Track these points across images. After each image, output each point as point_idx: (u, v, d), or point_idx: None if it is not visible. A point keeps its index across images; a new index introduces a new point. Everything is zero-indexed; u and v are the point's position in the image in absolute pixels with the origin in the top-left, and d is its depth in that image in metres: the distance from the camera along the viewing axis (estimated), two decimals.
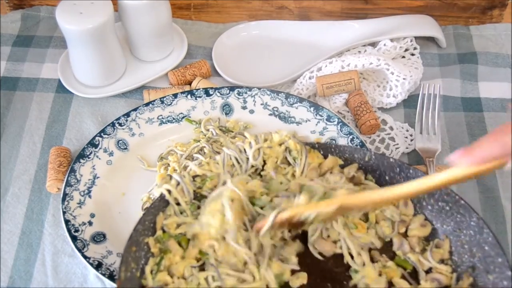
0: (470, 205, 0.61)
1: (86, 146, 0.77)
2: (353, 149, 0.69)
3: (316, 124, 0.79)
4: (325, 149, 0.69)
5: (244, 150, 0.69)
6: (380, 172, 0.67)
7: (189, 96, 0.81)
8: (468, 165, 0.50)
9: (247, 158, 0.68)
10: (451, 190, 0.63)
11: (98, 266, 0.67)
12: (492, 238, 0.59)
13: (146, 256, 0.60)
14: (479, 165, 0.50)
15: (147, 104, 0.80)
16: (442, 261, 0.64)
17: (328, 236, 0.65)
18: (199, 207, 0.65)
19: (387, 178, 0.67)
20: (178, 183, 0.65)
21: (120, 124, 0.79)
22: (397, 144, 0.81)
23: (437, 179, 0.54)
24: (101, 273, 0.67)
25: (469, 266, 0.61)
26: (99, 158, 0.77)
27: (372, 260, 0.64)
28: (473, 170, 0.50)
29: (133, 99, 0.87)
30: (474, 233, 0.61)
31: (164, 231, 0.63)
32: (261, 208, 0.64)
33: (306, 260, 0.64)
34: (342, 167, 0.69)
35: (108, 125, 0.79)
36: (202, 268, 0.62)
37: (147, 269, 0.60)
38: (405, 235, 0.66)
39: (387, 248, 0.65)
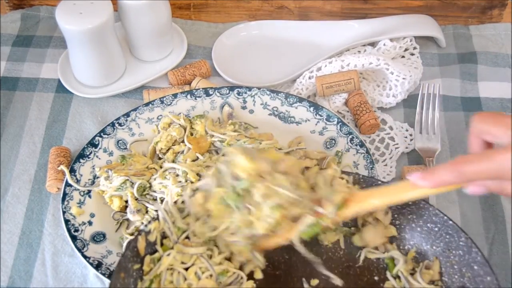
0: (458, 225, 0.61)
1: (86, 146, 0.77)
2: (342, 172, 0.66)
3: (316, 124, 0.79)
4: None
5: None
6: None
7: (188, 96, 0.81)
8: (427, 187, 0.54)
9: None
10: (438, 211, 0.62)
11: (98, 266, 0.67)
12: (480, 257, 0.59)
13: (135, 282, 0.59)
14: (435, 188, 0.54)
15: (147, 104, 0.80)
16: (432, 282, 0.63)
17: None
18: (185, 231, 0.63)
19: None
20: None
21: (120, 124, 0.79)
22: (397, 144, 0.81)
23: (405, 197, 0.58)
24: (101, 273, 0.67)
25: (459, 287, 0.61)
26: (99, 158, 0.77)
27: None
28: (431, 191, 0.55)
29: (133, 99, 0.87)
30: (463, 253, 0.61)
31: (162, 244, 0.62)
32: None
33: None
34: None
35: (108, 125, 0.79)
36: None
37: None
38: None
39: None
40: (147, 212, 0.71)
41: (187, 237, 0.63)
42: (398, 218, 0.65)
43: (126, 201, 0.72)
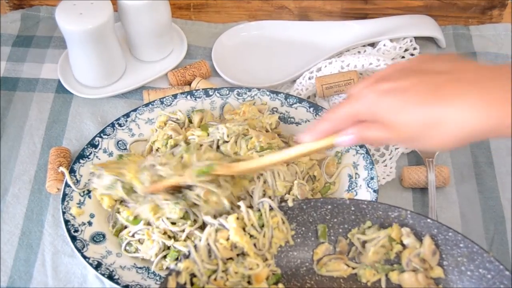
0: None
1: (86, 147, 0.77)
2: (388, 207, 0.65)
3: None
4: (356, 205, 0.66)
5: None
6: (416, 232, 0.64)
7: (188, 97, 0.81)
8: (312, 141, 0.61)
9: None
10: (494, 258, 0.59)
11: (97, 266, 0.67)
12: None
13: None
14: (319, 139, 0.60)
15: (146, 105, 0.80)
16: None
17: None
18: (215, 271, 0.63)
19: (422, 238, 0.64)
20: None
21: (119, 125, 0.79)
22: (397, 144, 0.81)
23: (292, 152, 0.63)
24: (101, 273, 0.67)
25: None
26: (99, 159, 0.77)
27: None
28: (317, 145, 0.61)
29: (133, 100, 0.87)
30: None
31: (192, 283, 0.61)
32: None
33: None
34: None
35: (108, 125, 0.79)
36: None
37: None
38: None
39: None
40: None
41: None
42: (447, 258, 0.63)
43: (116, 200, 0.73)
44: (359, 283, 0.65)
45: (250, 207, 0.67)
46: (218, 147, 0.74)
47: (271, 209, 0.66)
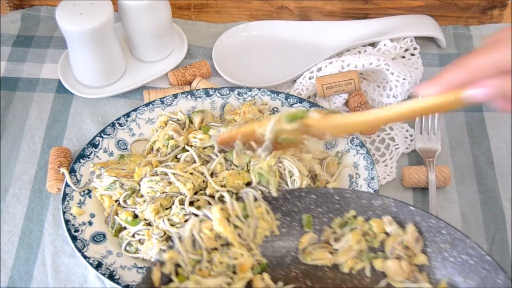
0: (497, 262, 0.58)
1: (86, 146, 0.77)
2: (370, 195, 0.66)
3: None
4: (340, 194, 0.66)
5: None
6: (399, 220, 0.65)
7: (189, 97, 0.81)
8: (435, 94, 0.52)
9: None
10: (476, 244, 0.60)
11: (98, 266, 0.67)
12: None
13: None
14: (445, 93, 0.51)
15: (147, 105, 0.80)
16: None
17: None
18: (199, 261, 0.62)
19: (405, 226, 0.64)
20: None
21: (120, 124, 0.79)
22: (397, 144, 0.81)
23: (406, 107, 0.55)
24: (101, 273, 0.67)
25: None
26: (99, 158, 0.77)
27: None
28: (440, 100, 0.52)
29: (133, 99, 0.87)
30: None
31: (177, 273, 0.61)
32: None
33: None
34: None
35: (108, 125, 0.79)
36: None
37: None
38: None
39: None
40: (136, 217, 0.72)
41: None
42: (430, 245, 0.63)
43: (116, 201, 0.73)
44: (344, 271, 0.66)
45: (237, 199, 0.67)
46: (220, 151, 0.74)
47: (255, 199, 0.66)
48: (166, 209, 0.70)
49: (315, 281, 0.65)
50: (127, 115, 0.80)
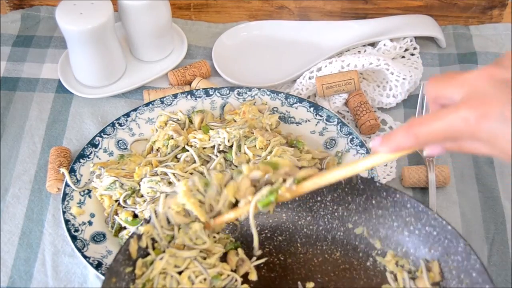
0: (457, 231, 0.61)
1: (86, 146, 0.77)
2: None
3: (316, 124, 0.79)
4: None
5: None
6: (367, 196, 0.65)
7: (189, 97, 0.81)
8: (386, 152, 0.52)
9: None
10: (438, 215, 0.62)
11: (98, 266, 0.67)
12: (479, 265, 0.58)
13: (127, 286, 0.58)
14: (395, 152, 0.52)
15: (147, 104, 0.80)
16: (434, 284, 0.62)
17: None
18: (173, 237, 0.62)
19: (373, 202, 0.65)
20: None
21: (120, 124, 0.79)
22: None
23: (364, 165, 0.56)
24: (101, 273, 0.67)
25: None
26: (99, 158, 0.77)
27: None
28: (392, 156, 0.53)
29: (133, 99, 0.87)
30: (461, 259, 0.60)
31: (154, 248, 0.61)
32: None
33: None
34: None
35: (108, 125, 0.79)
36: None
37: None
38: None
39: None
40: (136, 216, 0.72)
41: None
42: (396, 220, 0.65)
43: (116, 201, 0.73)
44: (315, 245, 0.67)
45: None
46: (220, 151, 0.74)
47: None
48: None
49: (287, 256, 0.66)
50: (127, 115, 0.80)
